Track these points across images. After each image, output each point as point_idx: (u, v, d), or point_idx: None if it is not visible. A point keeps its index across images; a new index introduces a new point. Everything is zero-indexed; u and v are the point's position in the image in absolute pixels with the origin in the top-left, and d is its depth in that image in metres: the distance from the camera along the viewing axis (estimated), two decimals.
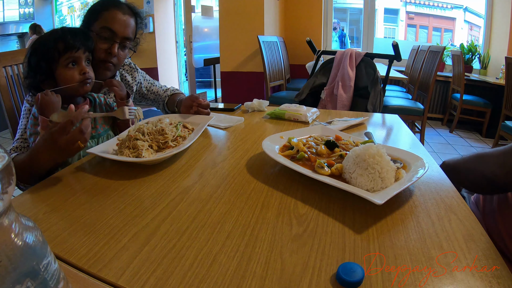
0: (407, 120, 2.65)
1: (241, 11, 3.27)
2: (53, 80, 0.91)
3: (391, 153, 0.74)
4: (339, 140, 0.84)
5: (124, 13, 1.05)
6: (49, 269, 0.30)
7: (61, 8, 6.60)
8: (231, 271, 0.44)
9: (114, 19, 1.02)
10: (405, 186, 0.61)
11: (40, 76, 0.89)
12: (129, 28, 1.06)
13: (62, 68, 0.89)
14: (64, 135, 0.68)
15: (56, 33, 0.90)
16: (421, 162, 0.71)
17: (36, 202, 0.62)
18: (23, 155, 0.78)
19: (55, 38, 0.88)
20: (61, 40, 0.88)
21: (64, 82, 0.90)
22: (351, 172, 0.65)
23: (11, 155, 0.83)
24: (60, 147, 0.69)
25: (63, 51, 0.88)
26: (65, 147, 0.69)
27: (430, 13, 4.92)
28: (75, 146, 0.69)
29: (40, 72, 0.89)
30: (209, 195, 0.64)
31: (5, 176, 0.26)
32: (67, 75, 0.90)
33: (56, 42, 0.88)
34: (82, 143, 0.70)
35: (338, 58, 2.02)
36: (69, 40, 0.88)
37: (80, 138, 0.69)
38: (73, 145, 0.69)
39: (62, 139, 0.68)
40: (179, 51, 5.08)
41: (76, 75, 0.91)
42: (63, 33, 0.89)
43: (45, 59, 0.88)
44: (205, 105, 1.13)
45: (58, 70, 0.90)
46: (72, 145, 0.69)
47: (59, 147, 0.69)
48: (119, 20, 1.03)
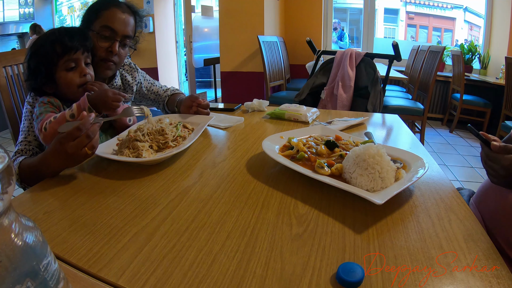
0: (407, 120, 2.65)
1: (241, 11, 3.27)
2: (54, 83, 0.90)
3: (391, 153, 0.74)
4: (339, 140, 0.85)
5: (123, 12, 1.05)
6: (49, 269, 0.30)
7: (61, 8, 6.60)
8: (231, 271, 0.44)
9: (114, 18, 1.03)
10: (405, 186, 0.61)
11: (41, 79, 0.89)
12: (129, 26, 1.06)
13: (62, 71, 0.89)
14: (71, 141, 0.68)
15: (53, 34, 0.89)
16: (421, 162, 0.71)
17: (36, 202, 0.62)
18: (32, 159, 0.79)
19: (52, 41, 0.88)
20: (59, 42, 0.87)
21: (64, 85, 0.90)
22: (351, 172, 0.65)
23: (18, 159, 0.83)
24: (67, 153, 0.68)
25: (61, 54, 0.88)
26: (72, 153, 0.68)
27: (430, 13, 4.92)
28: (82, 152, 0.69)
29: (40, 75, 0.89)
30: (209, 195, 0.64)
31: (5, 176, 0.26)
32: (67, 78, 0.89)
33: (54, 44, 0.87)
34: (89, 150, 0.69)
35: (338, 58, 2.02)
36: (67, 42, 0.88)
37: (87, 143, 0.69)
38: (80, 150, 0.69)
39: (69, 145, 0.68)
40: (179, 51, 5.07)
41: (75, 78, 0.90)
42: (60, 34, 0.89)
43: (44, 62, 0.88)
44: (205, 105, 1.13)
45: (57, 73, 0.89)
46: (79, 150, 0.68)
47: (66, 153, 0.68)
48: (119, 19, 1.03)
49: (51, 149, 0.71)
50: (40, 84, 0.90)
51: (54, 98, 0.91)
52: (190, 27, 4.36)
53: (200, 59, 4.10)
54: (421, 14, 5.00)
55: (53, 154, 0.70)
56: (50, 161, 0.71)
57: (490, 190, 0.73)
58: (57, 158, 0.70)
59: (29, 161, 0.80)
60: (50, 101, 0.90)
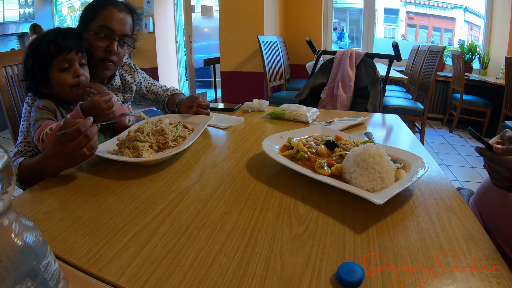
0: (407, 120, 2.65)
1: (241, 11, 3.27)
2: (49, 83, 0.91)
3: (391, 153, 0.74)
4: (339, 140, 0.85)
5: (120, 10, 1.05)
6: (49, 269, 0.30)
7: (61, 8, 6.60)
8: (231, 271, 0.44)
9: (112, 17, 1.02)
10: (405, 186, 0.61)
11: (36, 79, 0.90)
12: (126, 25, 1.06)
13: (56, 71, 0.89)
14: (69, 141, 0.69)
15: (48, 35, 0.89)
16: (421, 162, 0.71)
17: (36, 202, 0.62)
18: (31, 160, 0.79)
19: (47, 41, 0.88)
20: (53, 43, 0.88)
21: (58, 86, 0.91)
22: (351, 172, 0.65)
23: (18, 160, 0.83)
24: (66, 153, 0.69)
25: (55, 54, 0.88)
26: (71, 153, 0.69)
27: (430, 13, 4.92)
28: (81, 153, 0.69)
29: (35, 75, 0.89)
30: (209, 195, 0.64)
31: (5, 176, 0.26)
32: (60, 78, 0.89)
33: (48, 45, 0.87)
34: (87, 151, 0.70)
35: (338, 58, 2.02)
36: (61, 43, 0.88)
37: (85, 144, 0.69)
38: (79, 151, 0.69)
39: (68, 145, 0.68)
40: (179, 51, 5.07)
41: (69, 78, 0.90)
42: (54, 35, 0.89)
43: (38, 62, 0.88)
44: (205, 105, 1.12)
45: (51, 74, 0.89)
46: (78, 151, 0.69)
47: (65, 153, 0.69)
48: (117, 18, 1.03)
49: (50, 149, 0.71)
50: (36, 84, 0.90)
51: (49, 102, 0.91)
52: (190, 27, 4.36)
53: (200, 59, 4.10)
54: (421, 14, 5.00)
55: (52, 154, 0.71)
56: (49, 162, 0.71)
57: (490, 190, 0.73)
58: (56, 158, 0.70)
59: (29, 162, 0.80)
60: (45, 106, 0.90)
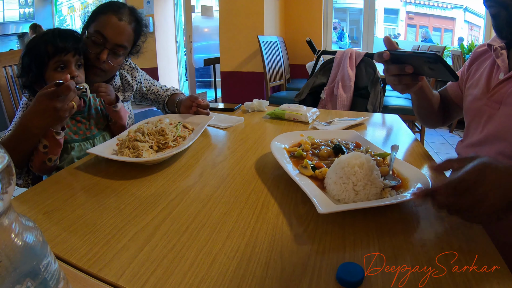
0: (407, 120, 2.64)
1: (241, 11, 3.27)
2: (44, 82, 0.90)
3: (398, 167, 0.68)
4: (357, 148, 0.81)
5: (120, 19, 1.00)
6: (49, 269, 0.30)
7: (61, 8, 6.60)
8: (231, 271, 0.44)
9: (108, 24, 0.99)
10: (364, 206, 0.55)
11: (32, 77, 0.90)
12: (123, 35, 1.02)
13: (51, 71, 0.89)
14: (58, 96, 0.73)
15: (47, 35, 0.90)
16: (425, 182, 0.62)
17: (36, 202, 0.62)
18: (10, 132, 0.79)
19: (45, 41, 0.88)
20: (51, 43, 0.88)
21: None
22: (329, 178, 0.62)
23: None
24: (55, 108, 0.73)
25: (52, 54, 0.88)
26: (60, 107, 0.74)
27: (430, 13, 4.92)
28: (69, 106, 0.74)
29: (31, 74, 0.89)
30: (209, 195, 0.64)
31: (5, 176, 0.26)
32: (55, 78, 0.89)
33: (46, 45, 0.88)
34: (75, 103, 0.76)
35: (338, 58, 2.02)
36: (58, 43, 0.88)
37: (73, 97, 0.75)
38: (67, 105, 0.74)
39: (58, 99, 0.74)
40: (179, 51, 5.08)
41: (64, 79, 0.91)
42: (53, 36, 0.89)
43: (35, 61, 0.88)
44: (205, 105, 1.12)
45: (47, 73, 0.89)
46: (66, 105, 0.74)
47: (54, 108, 0.73)
48: (113, 26, 0.99)
49: (35, 108, 0.74)
50: (31, 82, 0.91)
51: None
52: (190, 27, 4.37)
53: (200, 59, 4.10)
54: (421, 14, 5.00)
55: (39, 112, 0.74)
56: (35, 121, 0.74)
57: None
58: (44, 115, 0.74)
59: (8, 135, 0.80)
60: None
